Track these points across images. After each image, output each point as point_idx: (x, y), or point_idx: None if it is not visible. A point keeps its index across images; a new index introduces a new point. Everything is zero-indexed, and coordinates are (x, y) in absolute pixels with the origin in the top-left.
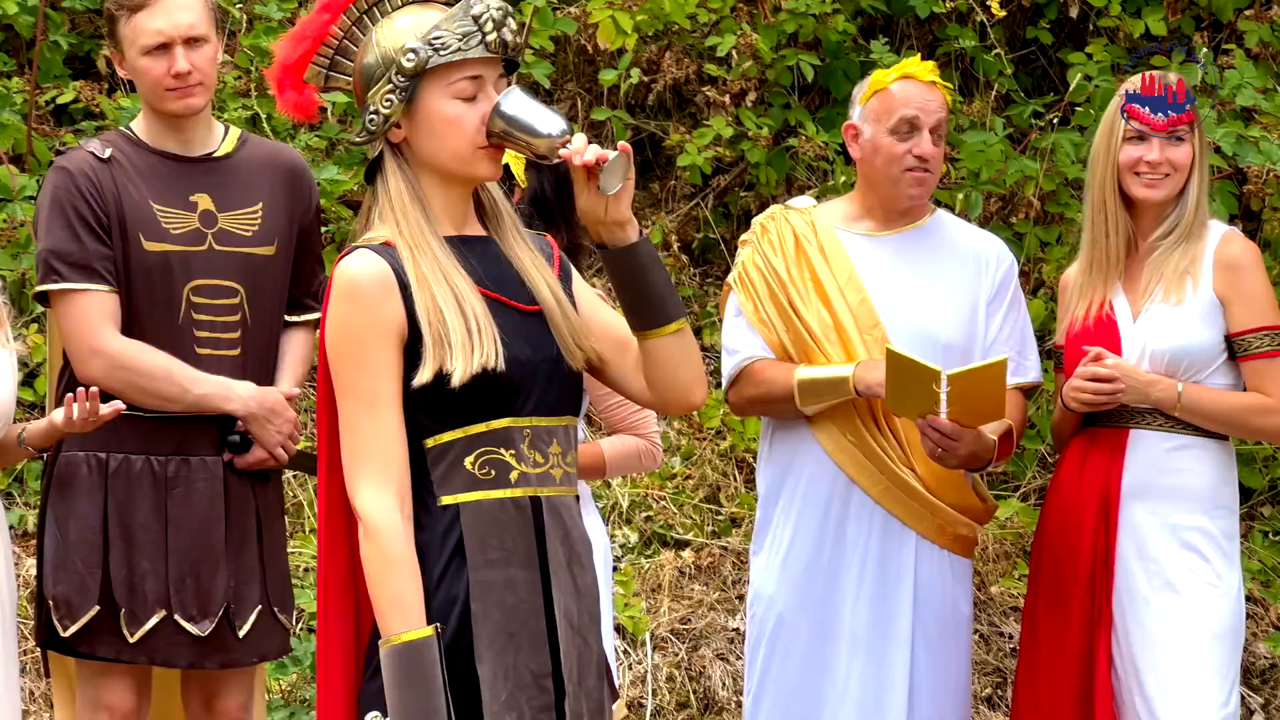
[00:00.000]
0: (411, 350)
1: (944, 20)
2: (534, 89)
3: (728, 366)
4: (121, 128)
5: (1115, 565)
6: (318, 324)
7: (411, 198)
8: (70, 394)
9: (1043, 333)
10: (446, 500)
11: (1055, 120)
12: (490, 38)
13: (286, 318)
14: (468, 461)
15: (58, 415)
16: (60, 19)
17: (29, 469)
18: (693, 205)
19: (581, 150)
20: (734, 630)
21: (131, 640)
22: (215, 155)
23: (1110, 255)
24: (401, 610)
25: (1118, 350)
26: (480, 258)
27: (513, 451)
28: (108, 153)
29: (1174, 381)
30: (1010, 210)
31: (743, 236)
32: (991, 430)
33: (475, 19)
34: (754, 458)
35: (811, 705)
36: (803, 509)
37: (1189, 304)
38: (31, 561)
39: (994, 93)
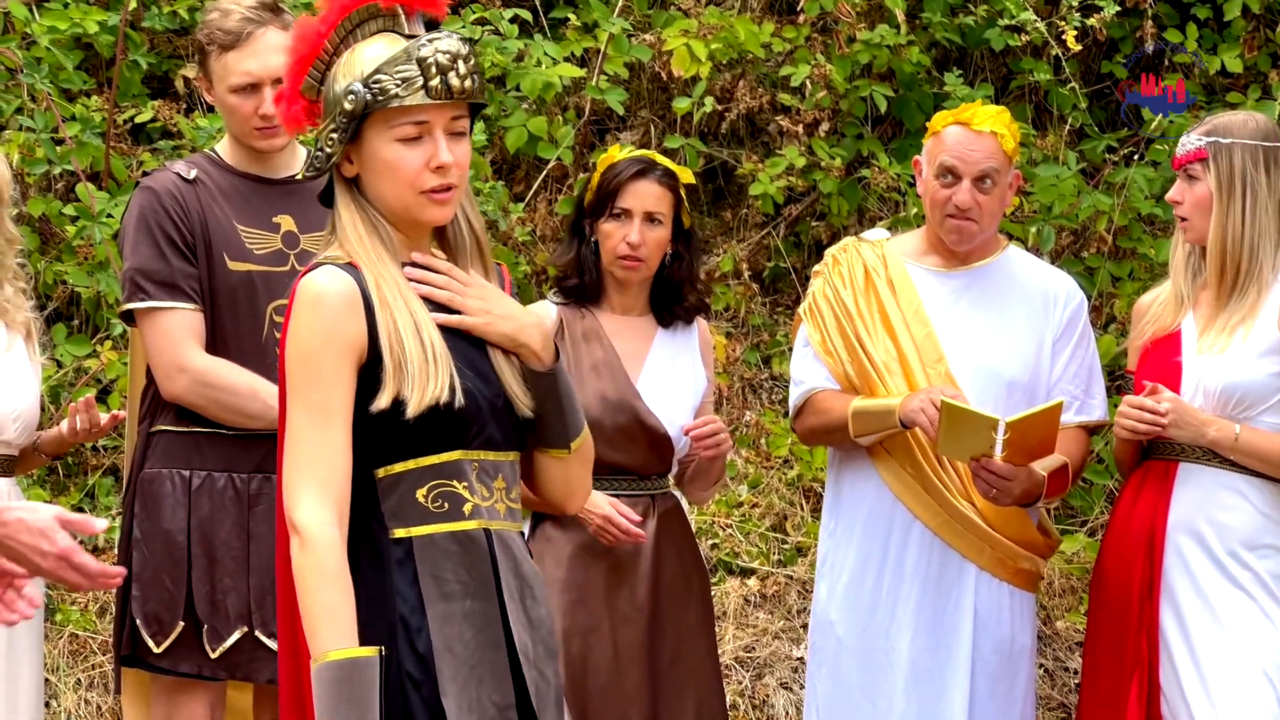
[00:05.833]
0: (369, 374)
1: (1018, 53)
2: (608, 115)
3: (793, 396)
4: (206, 150)
5: (1160, 599)
6: None
7: (368, 228)
8: (73, 403)
9: (1113, 368)
10: (400, 533)
11: (1130, 155)
12: (434, 84)
13: None
14: (420, 494)
15: (65, 425)
16: (140, 39)
17: (100, 485)
18: (764, 234)
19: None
20: (798, 659)
21: (213, 656)
22: (298, 177)
23: (1178, 288)
24: (337, 626)
25: (1178, 380)
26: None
27: (465, 484)
28: (193, 174)
29: (1232, 424)
30: (1082, 245)
31: (815, 268)
32: (1043, 466)
33: (420, 63)
34: (821, 487)
35: None
36: (863, 539)
37: (1245, 344)
38: None
39: (1067, 126)
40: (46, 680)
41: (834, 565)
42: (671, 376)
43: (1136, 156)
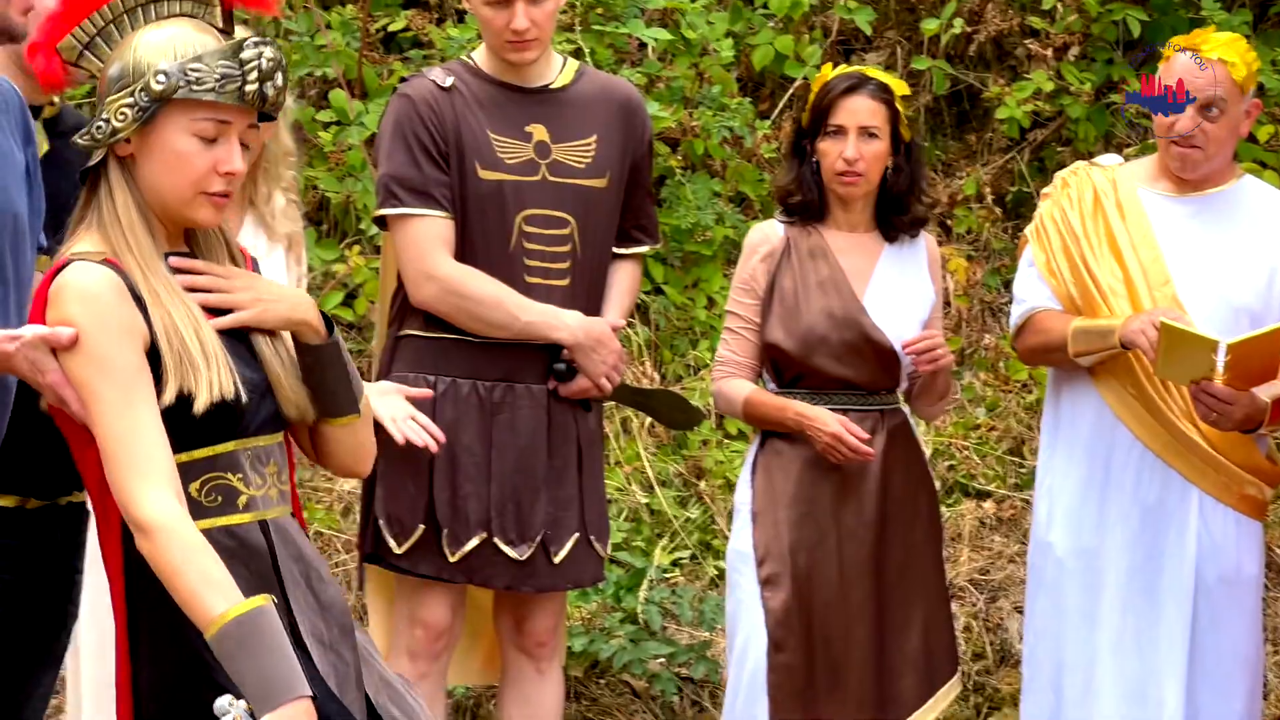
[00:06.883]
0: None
1: None
2: (855, 35)
3: (1015, 314)
4: (463, 57)
5: None
6: (644, 258)
7: (139, 214)
8: None
9: None
10: None
11: None
12: (249, 89)
13: (615, 250)
14: (193, 488)
15: None
16: None
17: None
18: (1008, 158)
19: None
20: None
21: (452, 560)
22: (552, 86)
23: None
24: (221, 589)
25: None
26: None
27: (240, 475)
28: (449, 81)
29: None
30: None
31: (1044, 190)
32: (1267, 393)
33: (241, 63)
34: None
35: (1086, 656)
36: (1084, 460)
37: None
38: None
39: None
40: None
41: (1053, 487)
42: (899, 291)
43: None
